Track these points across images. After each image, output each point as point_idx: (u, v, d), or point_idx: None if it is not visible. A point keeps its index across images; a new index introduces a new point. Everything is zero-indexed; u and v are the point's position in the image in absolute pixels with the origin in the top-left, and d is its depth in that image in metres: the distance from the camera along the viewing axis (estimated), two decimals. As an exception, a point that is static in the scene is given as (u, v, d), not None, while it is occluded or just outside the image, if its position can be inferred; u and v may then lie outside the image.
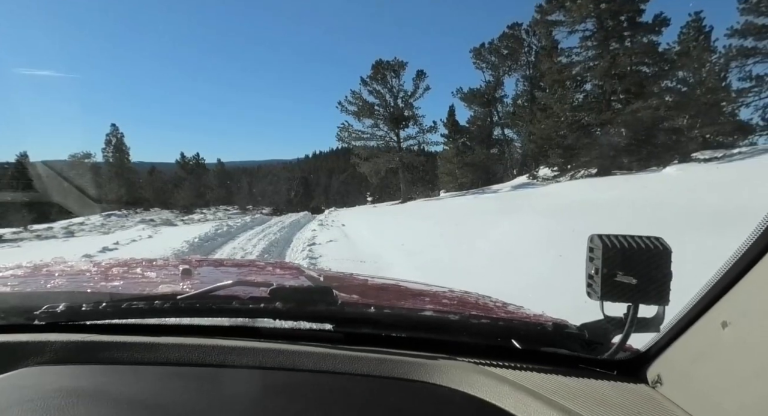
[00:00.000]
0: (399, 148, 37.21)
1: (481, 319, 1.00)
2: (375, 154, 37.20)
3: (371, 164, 37.04)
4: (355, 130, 37.67)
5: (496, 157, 38.42)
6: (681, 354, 0.78)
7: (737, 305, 0.67)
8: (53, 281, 1.42)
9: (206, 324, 1.02)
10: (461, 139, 35.69)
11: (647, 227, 6.81)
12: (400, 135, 37.36)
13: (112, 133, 54.68)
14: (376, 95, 36.39)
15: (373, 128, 37.29)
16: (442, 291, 1.86)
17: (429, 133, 37.76)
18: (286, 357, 0.87)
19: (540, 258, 7.01)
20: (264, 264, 2.10)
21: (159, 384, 0.82)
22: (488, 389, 0.80)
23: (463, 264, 7.23)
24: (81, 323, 0.99)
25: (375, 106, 36.50)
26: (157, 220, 35.49)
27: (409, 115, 36.70)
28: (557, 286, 4.88)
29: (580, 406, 0.75)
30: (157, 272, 1.59)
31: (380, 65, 36.03)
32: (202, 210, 51.42)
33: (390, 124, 36.72)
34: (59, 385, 0.80)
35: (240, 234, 16.13)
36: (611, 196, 14.92)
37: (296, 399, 0.79)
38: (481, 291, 2.43)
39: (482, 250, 8.28)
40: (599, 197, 15.05)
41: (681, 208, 10.46)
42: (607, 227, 1.65)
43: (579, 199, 15.46)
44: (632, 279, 0.80)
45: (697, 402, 0.71)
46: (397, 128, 36.92)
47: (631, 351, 0.91)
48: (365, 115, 36.65)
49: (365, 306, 1.00)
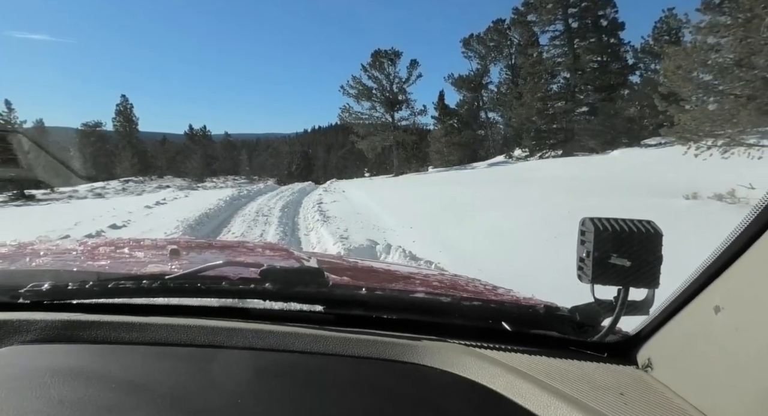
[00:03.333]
0: (393, 128, 40.61)
1: (472, 301, 0.97)
2: (372, 132, 40.76)
3: (368, 142, 40.68)
4: (355, 111, 41.11)
5: (481, 138, 41.62)
6: (672, 338, 0.77)
7: (730, 290, 0.65)
8: (39, 260, 1.37)
9: (195, 305, 0.97)
10: (450, 121, 38.62)
11: (568, 192, 10.64)
12: (394, 116, 40.82)
13: (122, 103, 56.84)
14: (374, 80, 39.71)
15: (371, 110, 40.85)
16: (432, 273, 1.90)
17: (420, 116, 41.20)
18: (276, 338, 0.85)
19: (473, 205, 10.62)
20: (253, 245, 2.06)
21: (147, 363, 0.80)
22: (479, 370, 0.79)
23: (428, 213, 10.67)
24: (67, 302, 0.95)
25: (373, 90, 39.85)
26: (173, 187, 37.20)
27: (403, 99, 40.17)
28: (479, 217, 8.46)
29: (570, 387, 0.74)
30: (145, 252, 1.54)
31: (378, 54, 39.20)
32: (212, 179, 53.58)
33: (386, 106, 40.21)
34: (44, 364, 0.78)
35: (258, 197, 19.13)
36: (559, 172, 18.36)
37: (286, 380, 0.78)
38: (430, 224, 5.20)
39: (441, 203, 11.77)
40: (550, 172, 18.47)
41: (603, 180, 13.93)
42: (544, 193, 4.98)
43: (535, 173, 18.91)
44: (626, 262, 0.79)
45: (688, 385, 0.71)
46: (392, 110, 40.39)
47: (621, 334, 0.90)
48: (364, 98, 40.13)
49: (356, 287, 0.98)
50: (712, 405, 0.66)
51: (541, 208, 9.57)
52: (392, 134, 40.29)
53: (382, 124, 41.18)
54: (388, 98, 39.93)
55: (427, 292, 1.01)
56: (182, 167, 56.45)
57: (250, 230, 10.25)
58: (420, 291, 1.01)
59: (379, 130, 40.86)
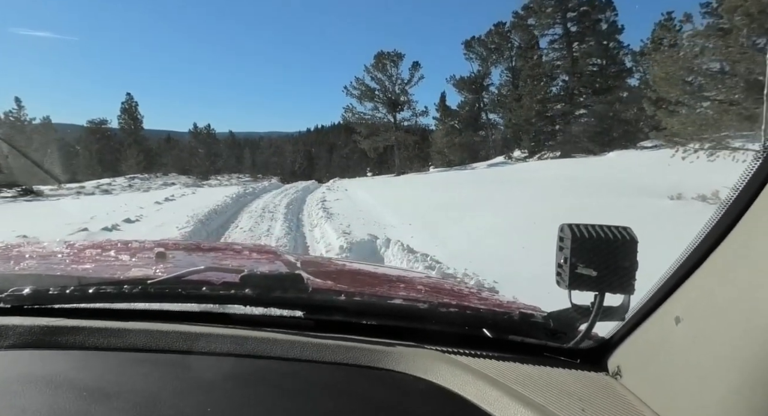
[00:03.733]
0: (395, 128, 41.31)
1: (449, 308, 0.99)
2: (374, 132, 41.52)
3: (370, 141, 41.45)
4: (358, 111, 41.90)
5: (481, 139, 42.15)
6: (639, 345, 0.78)
7: (688, 301, 0.67)
8: (22, 263, 1.37)
9: (175, 310, 0.97)
10: (451, 122, 39.18)
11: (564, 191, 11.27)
12: (396, 117, 41.49)
13: (127, 101, 56.77)
14: (377, 82, 40.46)
15: (373, 110, 41.64)
16: (418, 276, 1.89)
17: (421, 116, 41.99)
18: (254, 343, 0.85)
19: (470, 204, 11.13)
20: (241, 247, 2.04)
21: (122, 370, 0.80)
22: (451, 377, 0.79)
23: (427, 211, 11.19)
24: (47, 307, 0.94)
25: (375, 91, 40.63)
26: (178, 184, 37.12)
27: (405, 100, 40.90)
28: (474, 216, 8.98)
29: (541, 395, 0.75)
30: (131, 255, 1.55)
31: (381, 56, 39.91)
32: (217, 177, 53.55)
33: (388, 107, 40.93)
34: (21, 370, 0.78)
35: (263, 195, 19.68)
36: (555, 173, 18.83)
37: (261, 386, 0.78)
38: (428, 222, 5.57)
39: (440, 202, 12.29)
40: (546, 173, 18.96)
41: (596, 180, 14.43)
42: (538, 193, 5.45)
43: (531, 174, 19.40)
44: (592, 271, 0.80)
45: (653, 393, 0.71)
46: (394, 111, 41.12)
47: (597, 340, 0.90)
48: (367, 99, 40.88)
49: (336, 293, 0.99)
50: (675, 414, 0.66)
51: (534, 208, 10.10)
52: (394, 134, 40.96)
53: (384, 124, 41.89)
54: (390, 99, 40.63)
55: (406, 298, 1.04)
56: (187, 165, 56.65)
57: (257, 225, 10.79)
58: (400, 296, 1.04)
59: (381, 130, 41.59)
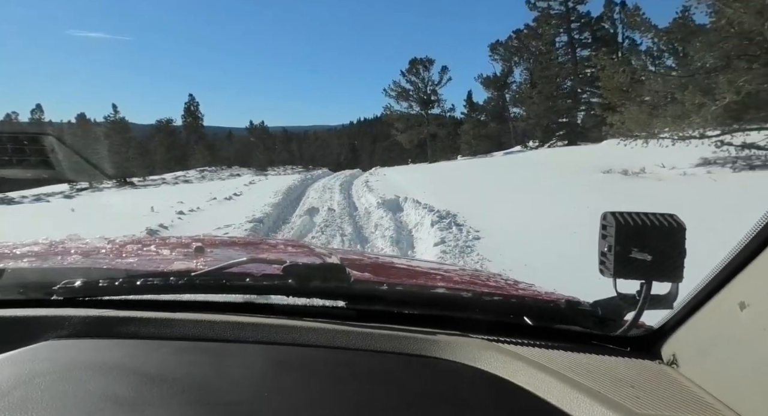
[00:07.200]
0: (428, 123, 46.42)
1: (493, 296, 0.96)
2: (410, 127, 46.70)
3: (406, 135, 46.51)
4: (395, 109, 47.30)
5: (505, 131, 46.07)
6: (696, 333, 0.75)
7: (755, 286, 0.62)
8: (70, 258, 1.39)
9: (220, 301, 0.98)
10: (478, 116, 43.37)
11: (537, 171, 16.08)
12: (428, 113, 46.59)
13: (189, 101, 61.91)
14: (411, 83, 45.73)
15: (408, 108, 46.94)
16: (453, 269, 1.89)
17: (449, 113, 47.50)
18: (300, 333, 0.85)
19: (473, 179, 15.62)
20: (275, 242, 2.03)
21: (176, 358, 0.80)
22: (501, 365, 0.77)
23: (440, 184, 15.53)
24: (98, 298, 0.96)
25: (410, 92, 45.88)
26: (244, 174, 40.35)
27: (435, 99, 46.08)
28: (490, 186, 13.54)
29: (592, 381, 0.72)
30: (171, 250, 1.56)
31: (415, 61, 45.16)
32: (273, 169, 56.90)
33: (421, 105, 46.17)
34: (78, 358, 0.79)
35: (319, 179, 24.27)
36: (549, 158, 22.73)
37: (311, 374, 0.77)
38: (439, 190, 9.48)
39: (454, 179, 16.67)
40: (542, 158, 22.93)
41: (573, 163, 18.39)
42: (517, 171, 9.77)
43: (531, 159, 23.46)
44: (647, 256, 0.77)
45: (714, 381, 0.68)
46: (426, 109, 46.34)
47: (645, 329, 0.88)
48: (403, 99, 46.25)
49: (377, 283, 0.98)
50: (743, 404, 0.62)
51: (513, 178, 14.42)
52: (427, 128, 46.10)
53: (418, 119, 46.88)
54: (422, 98, 45.76)
55: (448, 288, 1.04)
56: (246, 158, 61.31)
57: (322, 196, 15.47)
58: (441, 286, 1.03)
59: (416, 125, 46.64)
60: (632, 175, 13.54)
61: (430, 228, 7.58)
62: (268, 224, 9.60)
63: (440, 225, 7.61)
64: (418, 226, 8.30)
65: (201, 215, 11.38)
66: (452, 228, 7.41)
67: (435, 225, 7.65)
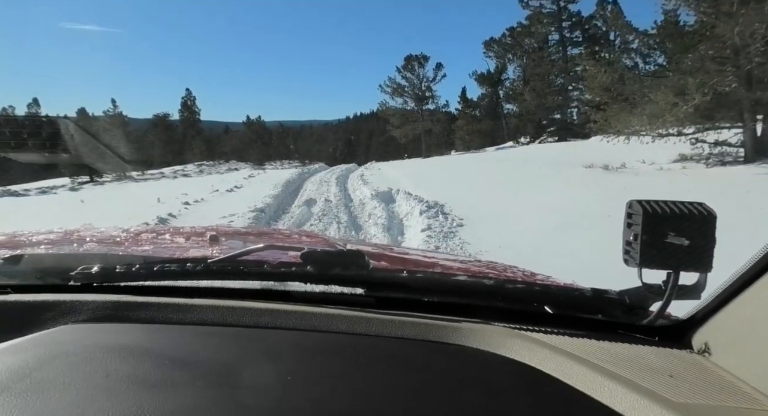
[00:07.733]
0: (422, 119, 47.09)
1: (516, 284, 0.95)
2: (405, 123, 47.40)
3: (402, 130, 47.30)
4: (390, 106, 48.07)
5: (498, 127, 46.80)
6: (731, 322, 0.73)
7: None
8: (86, 245, 1.40)
9: (237, 287, 0.98)
10: (473, 112, 44.08)
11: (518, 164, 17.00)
12: (423, 109, 47.36)
13: (186, 96, 62.25)
14: (406, 80, 46.34)
15: (403, 104, 47.68)
16: (468, 260, 1.85)
17: (444, 109, 48.47)
18: (319, 319, 0.84)
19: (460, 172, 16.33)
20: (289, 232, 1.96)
21: (197, 341, 0.80)
22: (527, 352, 0.76)
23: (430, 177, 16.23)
24: (115, 284, 0.97)
25: (405, 88, 46.50)
26: (242, 169, 40.06)
27: (430, 95, 46.91)
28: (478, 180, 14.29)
29: (625, 370, 0.70)
30: (186, 238, 1.56)
31: (410, 58, 45.73)
32: (270, 163, 56.75)
33: (416, 101, 46.89)
34: (99, 341, 0.79)
35: (316, 173, 24.80)
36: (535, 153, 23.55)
37: (334, 359, 0.76)
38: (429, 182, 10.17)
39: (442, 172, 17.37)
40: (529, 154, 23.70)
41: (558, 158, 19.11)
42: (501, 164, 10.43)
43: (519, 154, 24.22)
44: (684, 240, 0.74)
45: (750, 371, 0.67)
46: (421, 105, 47.08)
47: (671, 319, 0.87)
48: (398, 95, 46.91)
49: (397, 270, 0.97)
50: None
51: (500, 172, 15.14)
52: (421, 124, 46.75)
53: (413, 115, 47.60)
54: (417, 94, 46.51)
55: (469, 275, 1.00)
56: (243, 152, 61.13)
57: (319, 188, 16.15)
58: (461, 274, 1.00)
59: (411, 121, 47.38)
60: (612, 170, 14.28)
61: (419, 217, 8.28)
62: (270, 213, 10.23)
63: (428, 214, 8.32)
64: (408, 215, 9.00)
65: (205, 205, 12.02)
66: (439, 217, 8.12)
67: (423, 214, 8.35)
